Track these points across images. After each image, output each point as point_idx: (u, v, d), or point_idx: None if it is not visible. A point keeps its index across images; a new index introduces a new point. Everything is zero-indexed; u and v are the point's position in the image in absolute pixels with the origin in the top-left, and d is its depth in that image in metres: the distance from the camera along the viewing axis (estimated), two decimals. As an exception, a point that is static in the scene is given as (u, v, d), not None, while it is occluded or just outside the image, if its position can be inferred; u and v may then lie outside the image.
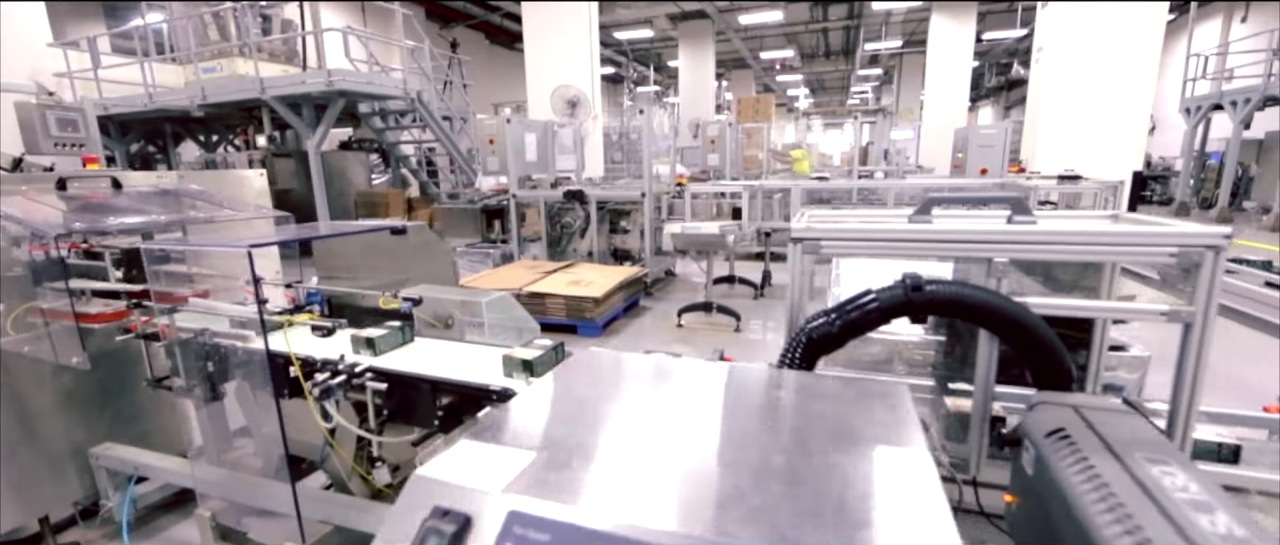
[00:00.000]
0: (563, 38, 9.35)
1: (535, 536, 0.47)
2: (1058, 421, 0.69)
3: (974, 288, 0.82)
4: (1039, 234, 0.84)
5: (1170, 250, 0.77)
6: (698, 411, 0.67)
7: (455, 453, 0.60)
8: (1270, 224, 9.34)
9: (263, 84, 7.24)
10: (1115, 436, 0.64)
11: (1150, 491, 0.55)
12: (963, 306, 0.81)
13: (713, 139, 7.54)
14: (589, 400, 0.73)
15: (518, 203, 6.30)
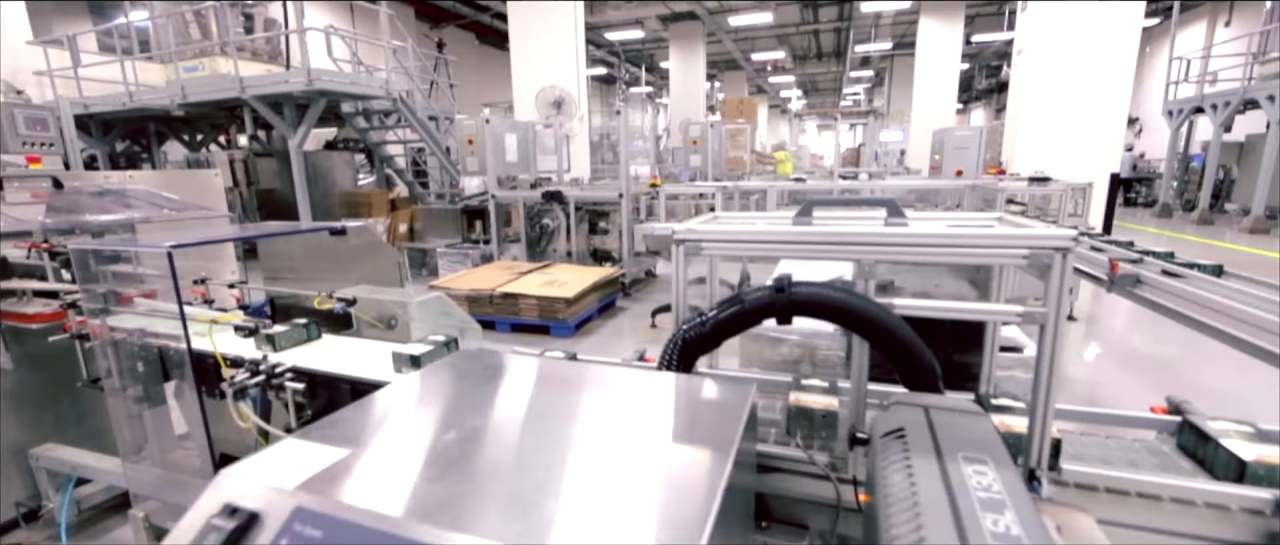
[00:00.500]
0: (548, 38, 9.34)
1: (310, 532, 0.48)
2: (900, 421, 0.70)
3: (836, 290, 0.83)
4: (903, 235, 0.85)
5: (1022, 252, 0.78)
6: (535, 412, 0.68)
7: (274, 451, 0.60)
8: (1248, 226, 9.43)
9: (242, 83, 7.21)
10: (949, 436, 0.65)
11: (952, 490, 0.56)
12: (825, 308, 0.83)
13: (695, 140, 7.55)
14: (436, 399, 0.73)
15: (497, 203, 6.30)
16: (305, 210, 7.97)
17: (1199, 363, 3.78)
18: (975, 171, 5.61)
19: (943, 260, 0.82)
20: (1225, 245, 8.37)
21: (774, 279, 0.81)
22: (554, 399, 0.71)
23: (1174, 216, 11.90)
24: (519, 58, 9.60)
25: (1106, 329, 4.69)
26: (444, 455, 0.60)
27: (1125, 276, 2.38)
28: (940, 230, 0.85)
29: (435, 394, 0.75)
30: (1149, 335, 4.49)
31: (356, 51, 8.35)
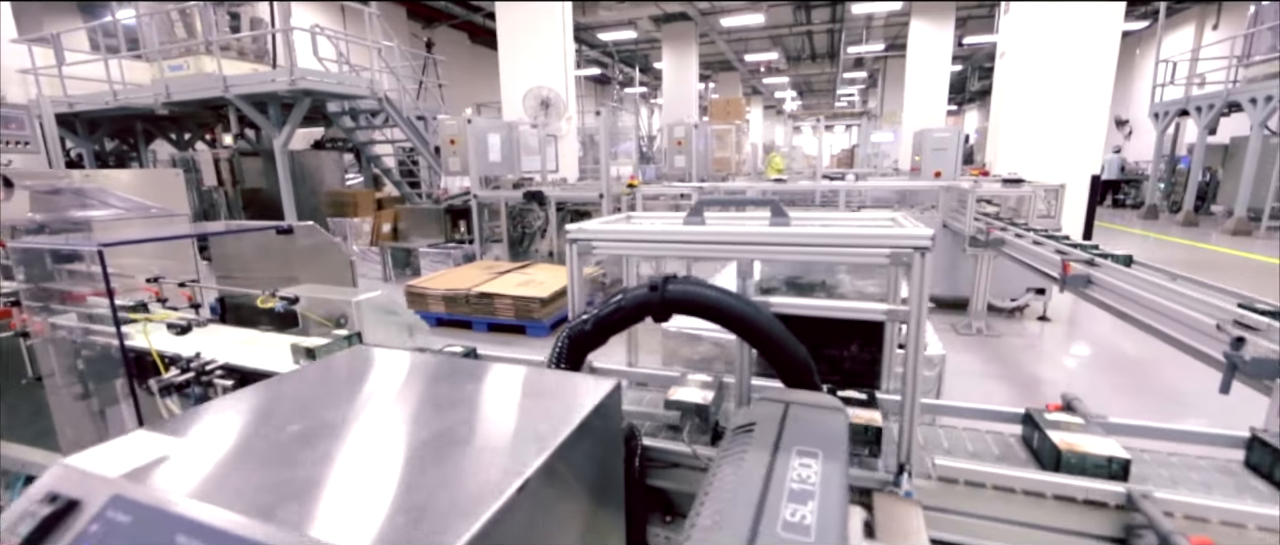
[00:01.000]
0: (537, 38, 9.35)
1: (121, 518, 0.49)
2: (754, 416, 0.72)
3: (709, 288, 0.85)
4: (778, 235, 0.87)
5: (885, 251, 0.80)
6: (379, 406, 0.69)
7: (122, 441, 0.61)
8: (1230, 228, 9.49)
9: (226, 83, 7.20)
10: (796, 431, 0.67)
11: (769, 482, 0.57)
12: (697, 306, 0.84)
13: (680, 141, 7.57)
14: (299, 392, 0.75)
15: (480, 203, 6.31)
16: (290, 209, 7.96)
17: (1166, 364, 3.81)
18: (953, 172, 5.64)
19: (815, 258, 0.84)
20: (1206, 246, 8.43)
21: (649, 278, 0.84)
22: (410, 394, 0.73)
23: (1160, 218, 11.98)
24: (507, 58, 9.60)
25: (1084, 331, 4.72)
26: (275, 446, 0.62)
27: (1076, 277, 2.41)
28: (813, 231, 0.87)
29: (302, 388, 0.76)
30: (1123, 335, 4.51)
31: (341, 51, 8.35)
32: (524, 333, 4.55)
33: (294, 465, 0.57)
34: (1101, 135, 7.31)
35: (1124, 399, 3.26)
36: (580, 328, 0.89)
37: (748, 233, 0.87)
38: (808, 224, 0.90)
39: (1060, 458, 0.84)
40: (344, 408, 0.69)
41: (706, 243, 0.89)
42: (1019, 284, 4.69)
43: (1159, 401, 3.22)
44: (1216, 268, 7.06)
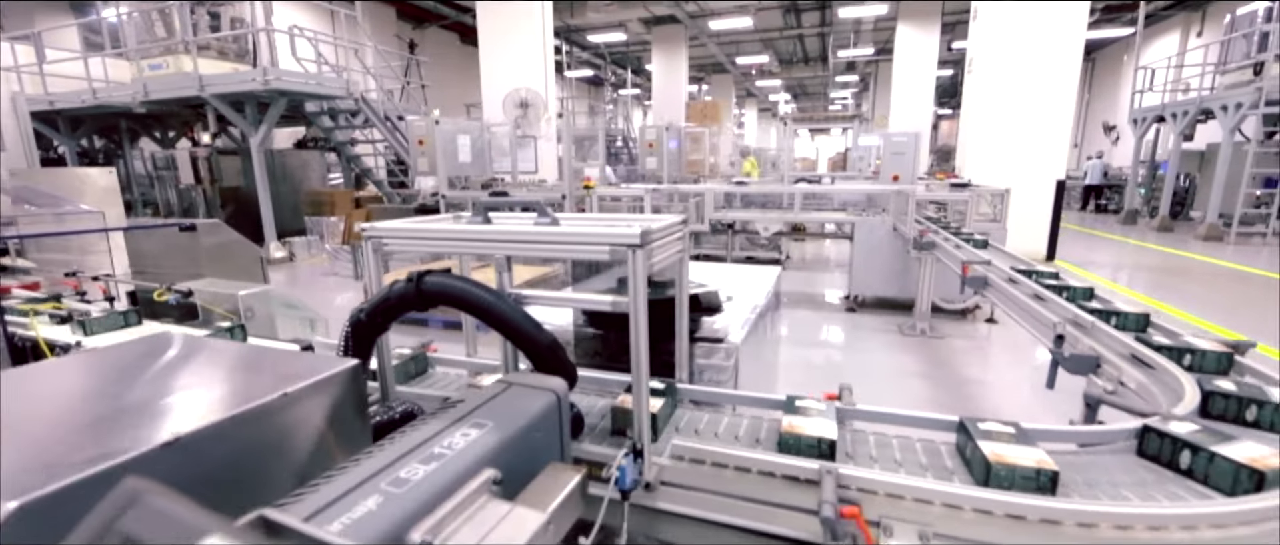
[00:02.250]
0: (517, 39, 9.43)
1: None
2: (467, 394, 0.80)
3: (459, 281, 0.93)
4: (524, 234, 0.96)
5: (604, 247, 0.87)
6: (113, 383, 0.76)
7: None
8: (1202, 234, 9.57)
9: (202, 82, 7.29)
10: (490, 407, 0.75)
11: (417, 447, 0.65)
12: (451, 298, 0.92)
13: (651, 142, 7.66)
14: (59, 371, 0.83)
15: (447, 203, 6.39)
16: (267, 208, 8.06)
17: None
18: (911, 176, 5.72)
19: (554, 255, 0.92)
20: (1174, 251, 8.50)
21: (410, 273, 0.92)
22: (145, 371, 0.80)
23: (1139, 223, 12.06)
24: (488, 59, 9.70)
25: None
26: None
27: (975, 278, 2.49)
28: (557, 229, 0.95)
29: (64, 368, 0.84)
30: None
31: (320, 51, 8.42)
32: (478, 330, 4.63)
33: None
34: (1066, 143, 7.40)
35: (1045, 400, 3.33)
36: (357, 317, 0.97)
37: (508, 231, 0.95)
38: (569, 224, 0.98)
39: (780, 439, 0.92)
40: (81, 383, 0.77)
41: (477, 241, 0.97)
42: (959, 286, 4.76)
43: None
44: (1177, 272, 7.15)
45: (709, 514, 0.92)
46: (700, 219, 5.52)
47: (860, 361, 4.02)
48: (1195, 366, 1.30)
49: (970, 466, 0.94)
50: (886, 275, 4.96)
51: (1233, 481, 0.90)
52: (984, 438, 0.96)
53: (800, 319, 5.13)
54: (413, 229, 1.02)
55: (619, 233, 0.86)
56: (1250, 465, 0.89)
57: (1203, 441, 0.95)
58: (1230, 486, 0.90)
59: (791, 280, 6.80)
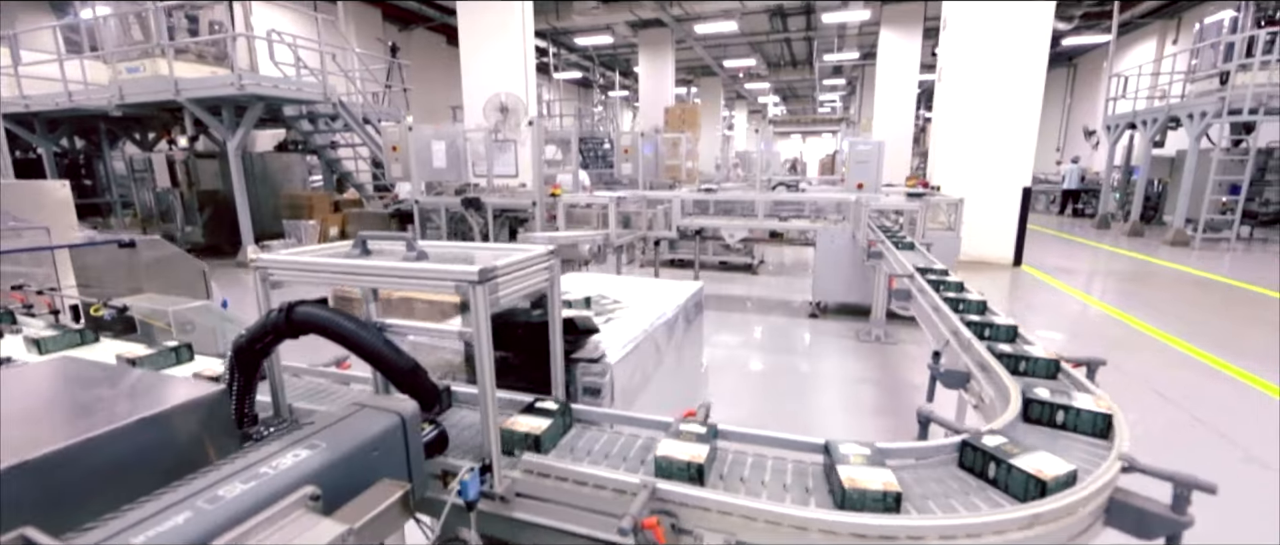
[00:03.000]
0: (498, 43, 9.49)
1: None
2: (316, 415, 0.89)
3: (326, 312, 1.02)
4: (383, 268, 1.05)
5: (450, 283, 0.96)
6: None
7: None
8: (1169, 239, 9.78)
9: (177, 86, 7.31)
10: (334, 429, 0.83)
11: (246, 466, 0.74)
12: (317, 327, 1.01)
13: (626, 148, 7.75)
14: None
15: (421, 208, 6.46)
16: (244, 211, 8.07)
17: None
18: (875, 184, 5.86)
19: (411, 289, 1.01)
20: (1138, 255, 8.68)
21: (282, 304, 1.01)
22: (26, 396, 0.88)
23: (1112, 228, 12.27)
24: (469, 62, 9.75)
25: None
26: None
27: (900, 291, 2.60)
28: (413, 266, 1.04)
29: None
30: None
31: (299, 55, 8.45)
32: (444, 336, 4.70)
33: None
34: (1032, 151, 7.56)
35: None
36: (240, 343, 1.06)
37: (369, 266, 1.04)
38: (434, 256, 1.08)
39: (656, 463, 1.01)
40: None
41: (346, 274, 1.06)
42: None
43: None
44: (1138, 278, 7.31)
45: (556, 523, 1.02)
46: (669, 225, 5.62)
47: (815, 368, 4.12)
48: (1028, 372, 1.43)
49: (832, 490, 1.03)
50: (848, 282, 5.07)
51: (1024, 489, 1.01)
52: (842, 461, 1.05)
53: (765, 325, 5.24)
54: (294, 261, 1.10)
55: (462, 270, 0.95)
56: (1037, 475, 1.00)
57: (1004, 454, 1.05)
58: (1022, 494, 1.01)
59: (763, 285, 6.91)
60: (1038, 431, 1.19)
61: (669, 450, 1.03)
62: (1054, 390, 1.28)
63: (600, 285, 2.19)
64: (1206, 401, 3.48)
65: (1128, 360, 4.18)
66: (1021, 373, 1.34)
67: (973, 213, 7.67)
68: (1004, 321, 1.71)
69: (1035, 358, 1.35)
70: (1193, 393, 3.59)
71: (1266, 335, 4.74)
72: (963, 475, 1.11)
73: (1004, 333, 1.65)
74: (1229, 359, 4.15)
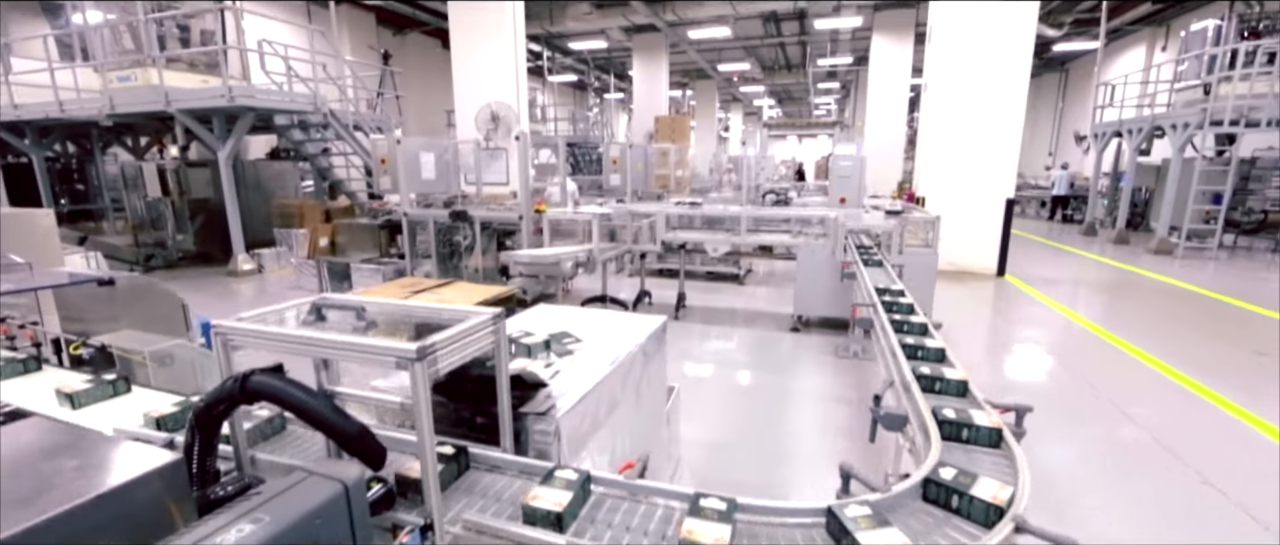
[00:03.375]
0: (490, 49, 9.54)
1: None
2: (265, 487, 0.96)
3: (278, 380, 1.09)
4: (338, 341, 1.12)
5: (391, 359, 1.04)
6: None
7: None
8: (1153, 247, 9.90)
9: (168, 97, 7.35)
10: (282, 498, 0.91)
11: (197, 539, 0.81)
12: (268, 396, 1.08)
13: (615, 159, 7.82)
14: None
15: (410, 221, 6.51)
16: (236, 220, 8.12)
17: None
18: (857, 197, 5.95)
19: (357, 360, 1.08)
20: (1121, 265, 8.79)
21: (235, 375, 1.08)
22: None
23: (1099, 235, 12.39)
24: (460, 70, 9.80)
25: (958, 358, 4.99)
26: None
27: (862, 319, 2.67)
28: (356, 340, 1.11)
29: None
30: (986, 362, 4.80)
31: (290, 65, 8.49)
32: (429, 351, 4.76)
33: None
34: (1014, 165, 7.65)
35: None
36: (197, 408, 1.12)
37: (319, 338, 1.11)
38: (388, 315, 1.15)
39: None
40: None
41: (297, 344, 1.13)
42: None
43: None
44: (1119, 289, 7.42)
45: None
46: (653, 239, 5.69)
47: (790, 386, 4.19)
48: (942, 391, 1.64)
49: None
50: (828, 296, 5.15)
51: (985, 516, 1.10)
52: (854, 527, 1.04)
53: (747, 338, 5.32)
54: (252, 330, 1.17)
55: (401, 348, 1.02)
56: (994, 502, 1.09)
57: (961, 486, 1.13)
58: (985, 520, 1.10)
59: (749, 296, 6.99)
60: (933, 512, 1.20)
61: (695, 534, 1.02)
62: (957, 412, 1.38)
63: (563, 320, 2.26)
64: (1169, 420, 3.57)
65: (1099, 375, 4.27)
66: (963, 440, 1.40)
67: (958, 224, 7.79)
68: (956, 376, 1.78)
69: (978, 426, 1.41)
70: (1158, 412, 3.68)
71: (1236, 353, 4.85)
72: (928, 508, 1.18)
73: (955, 387, 1.72)
74: (1198, 377, 4.24)
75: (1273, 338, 5.27)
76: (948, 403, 1.69)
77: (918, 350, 2.13)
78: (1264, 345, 5.02)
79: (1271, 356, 4.70)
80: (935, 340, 2.20)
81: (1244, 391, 3.96)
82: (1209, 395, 3.94)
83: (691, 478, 2.93)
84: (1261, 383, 4.16)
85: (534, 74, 22.39)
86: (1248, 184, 10.26)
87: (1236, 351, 4.83)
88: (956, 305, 6.42)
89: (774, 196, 10.53)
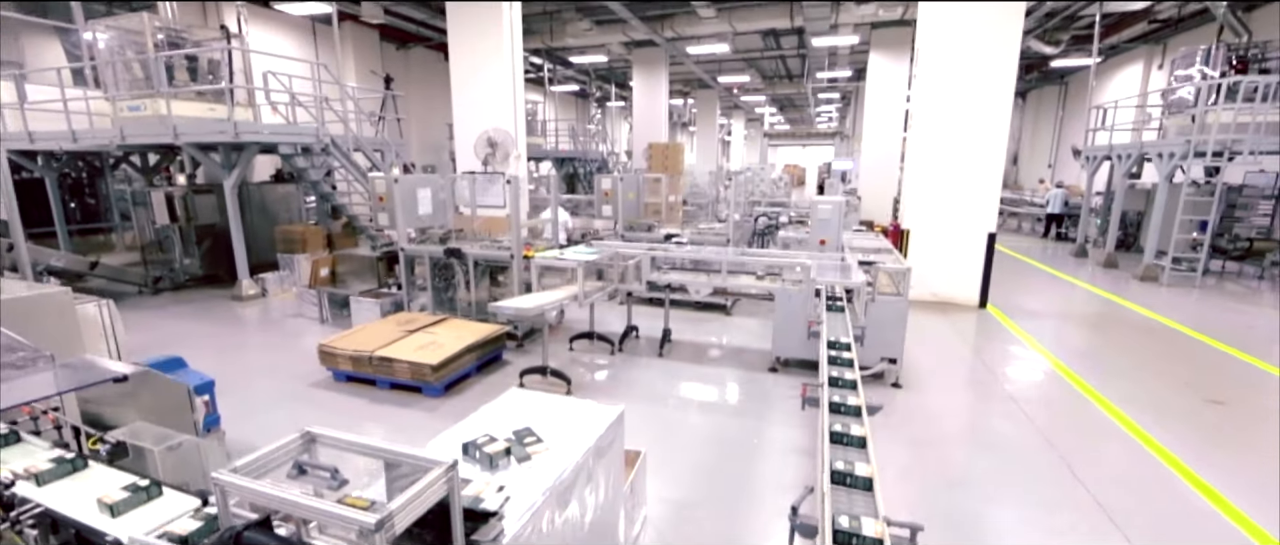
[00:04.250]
0: (488, 75, 9.76)
1: None
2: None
3: (270, 538, 1.31)
4: (309, 506, 1.36)
5: (354, 529, 1.27)
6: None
7: None
8: (1139, 273, 10.04)
9: (176, 130, 7.63)
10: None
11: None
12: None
13: (607, 192, 8.05)
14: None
15: (406, 256, 6.77)
16: (240, 246, 8.41)
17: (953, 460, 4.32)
18: (836, 241, 6.16)
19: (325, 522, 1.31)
20: (1108, 295, 8.95)
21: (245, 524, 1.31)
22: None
23: (1089, 256, 12.52)
24: (460, 98, 10.03)
25: (926, 402, 5.19)
26: None
27: (811, 398, 2.89)
28: (326, 507, 1.34)
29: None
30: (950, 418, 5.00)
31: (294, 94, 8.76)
32: (421, 393, 5.02)
33: None
34: (995, 201, 7.84)
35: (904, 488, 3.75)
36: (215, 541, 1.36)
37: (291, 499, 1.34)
38: (353, 484, 1.39)
39: None
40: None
41: (278, 502, 1.36)
42: (874, 353, 5.18)
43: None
44: (1099, 325, 7.58)
45: None
46: (639, 280, 5.92)
47: (754, 436, 4.38)
48: (851, 485, 1.81)
49: None
50: (803, 341, 5.35)
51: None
52: None
53: (723, 379, 5.54)
54: (245, 486, 1.41)
55: (362, 518, 1.25)
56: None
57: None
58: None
59: (734, 329, 7.20)
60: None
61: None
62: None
63: (529, 411, 2.49)
64: (1117, 475, 3.77)
65: (1059, 427, 4.46)
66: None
67: (941, 256, 7.99)
68: (865, 472, 2.01)
69: (864, 536, 1.64)
70: (1107, 474, 3.87)
71: (1190, 401, 5.03)
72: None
73: (862, 482, 1.95)
74: (1153, 429, 4.43)
75: (1232, 380, 5.45)
76: (856, 499, 1.95)
77: (843, 437, 2.36)
78: (1221, 389, 5.20)
79: (1224, 404, 4.89)
80: (862, 428, 2.43)
81: (1189, 445, 4.15)
82: (1158, 450, 4.13)
83: (656, 539, 3.17)
84: (1207, 436, 4.35)
85: (535, 84, 22.70)
86: (1234, 211, 10.38)
87: (1191, 399, 5.01)
88: (932, 340, 6.62)
89: (765, 220, 10.77)
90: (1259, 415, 4.70)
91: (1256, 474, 3.80)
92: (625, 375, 5.57)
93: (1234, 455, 4.04)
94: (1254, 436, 4.34)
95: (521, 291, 6.11)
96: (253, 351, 6.40)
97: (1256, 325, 7.31)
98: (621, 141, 30.02)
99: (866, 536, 1.67)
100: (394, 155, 10.51)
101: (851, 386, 2.93)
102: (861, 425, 2.46)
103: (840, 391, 2.85)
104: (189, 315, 7.80)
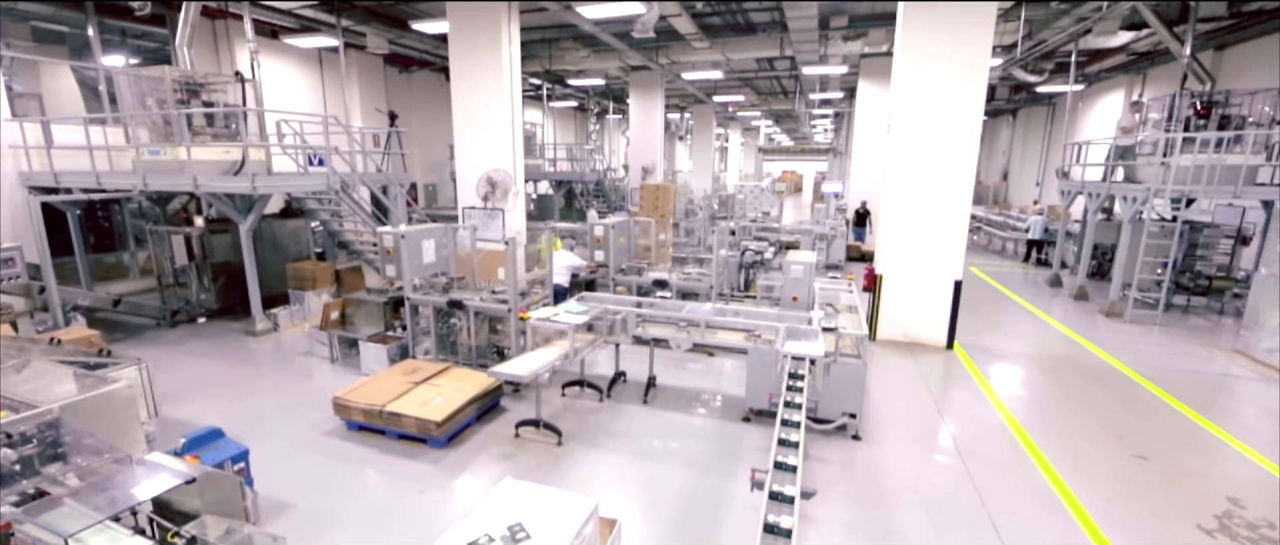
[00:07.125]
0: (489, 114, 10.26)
1: None
2: None
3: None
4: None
5: None
6: None
7: None
8: (1105, 309, 10.59)
9: (196, 180, 8.16)
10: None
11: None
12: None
13: (599, 238, 8.58)
14: None
15: (412, 304, 7.31)
16: (254, 285, 8.95)
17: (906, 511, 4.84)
18: (807, 299, 6.70)
19: None
20: (1073, 336, 9.47)
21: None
22: None
23: (1064, 285, 13.06)
24: (461, 137, 10.56)
25: (883, 455, 5.72)
26: None
27: (757, 482, 3.44)
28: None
29: None
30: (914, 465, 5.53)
31: (304, 137, 9.29)
32: (427, 444, 5.56)
33: None
34: (961, 253, 8.38)
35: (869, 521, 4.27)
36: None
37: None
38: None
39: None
40: None
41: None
42: (836, 406, 5.73)
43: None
44: (1059, 371, 8.12)
45: None
46: (625, 333, 6.46)
47: (715, 493, 4.88)
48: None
49: None
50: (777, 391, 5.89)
51: None
52: None
53: (697, 429, 6.07)
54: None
55: None
56: None
57: None
58: None
59: (716, 373, 7.73)
60: None
61: None
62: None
63: (520, 503, 3.03)
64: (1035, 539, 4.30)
65: (993, 484, 4.99)
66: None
67: (912, 300, 8.54)
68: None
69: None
70: (1027, 535, 4.40)
71: (1117, 456, 5.56)
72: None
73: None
74: (1078, 487, 4.96)
75: (1162, 433, 5.98)
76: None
77: (774, 528, 2.90)
78: (1150, 442, 5.74)
79: (1147, 460, 5.43)
80: (789, 519, 2.97)
81: (1111, 507, 4.68)
82: (1079, 513, 4.66)
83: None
84: (1125, 492, 4.88)
85: (534, 101, 23.19)
86: (1196, 251, 10.92)
87: (1119, 455, 5.55)
88: (895, 385, 7.17)
89: (753, 254, 11.31)
90: (1175, 474, 5.22)
91: (1156, 538, 4.33)
92: (612, 425, 6.11)
93: (1144, 518, 4.56)
94: (1161, 499, 4.82)
95: (517, 343, 6.65)
96: (268, 396, 6.92)
97: (1204, 371, 7.86)
98: (619, 156, 30.51)
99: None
100: (399, 188, 11.03)
101: (793, 471, 3.48)
102: (791, 517, 3.00)
103: (780, 477, 3.39)
104: (207, 353, 8.33)
